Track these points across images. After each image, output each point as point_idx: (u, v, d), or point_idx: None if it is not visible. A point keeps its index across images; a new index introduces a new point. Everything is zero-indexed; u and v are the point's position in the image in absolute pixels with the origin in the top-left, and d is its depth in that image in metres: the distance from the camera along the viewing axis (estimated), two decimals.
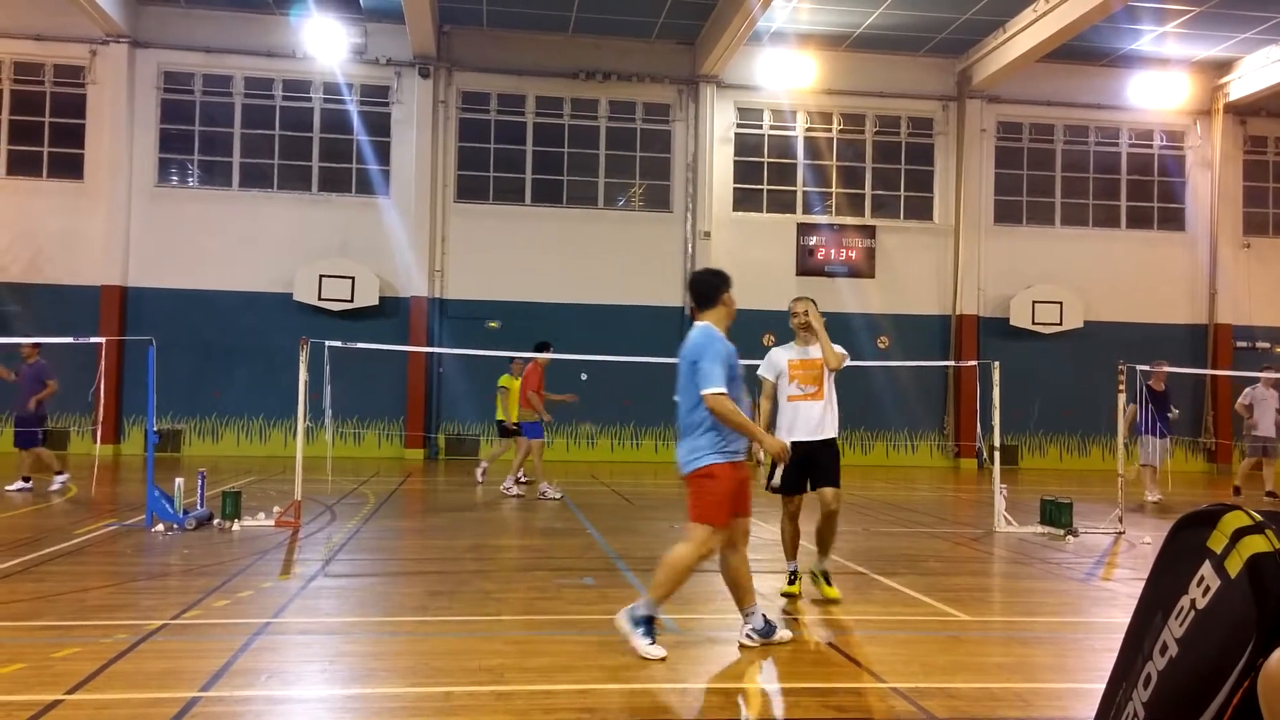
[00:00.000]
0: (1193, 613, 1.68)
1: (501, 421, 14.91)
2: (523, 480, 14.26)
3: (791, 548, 7.05)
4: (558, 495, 13.24)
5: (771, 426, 6.84)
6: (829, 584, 6.95)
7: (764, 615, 5.67)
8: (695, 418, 5.41)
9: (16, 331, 18.67)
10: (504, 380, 14.97)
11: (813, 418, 6.79)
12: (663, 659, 5.21)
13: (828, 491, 6.75)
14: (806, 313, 6.86)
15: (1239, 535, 1.64)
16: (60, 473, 13.10)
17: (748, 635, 5.58)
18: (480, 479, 15.13)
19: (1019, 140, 22.77)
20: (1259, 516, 1.66)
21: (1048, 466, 21.95)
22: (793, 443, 6.44)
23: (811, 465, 6.73)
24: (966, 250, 22.02)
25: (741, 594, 5.64)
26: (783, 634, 5.68)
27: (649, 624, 5.33)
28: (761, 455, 5.95)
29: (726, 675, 5.15)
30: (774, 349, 7.14)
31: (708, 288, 5.66)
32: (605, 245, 21.27)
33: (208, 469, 11.38)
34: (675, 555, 5.38)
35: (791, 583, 7.05)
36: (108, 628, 5.63)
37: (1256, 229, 23.21)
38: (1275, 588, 1.53)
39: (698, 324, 5.63)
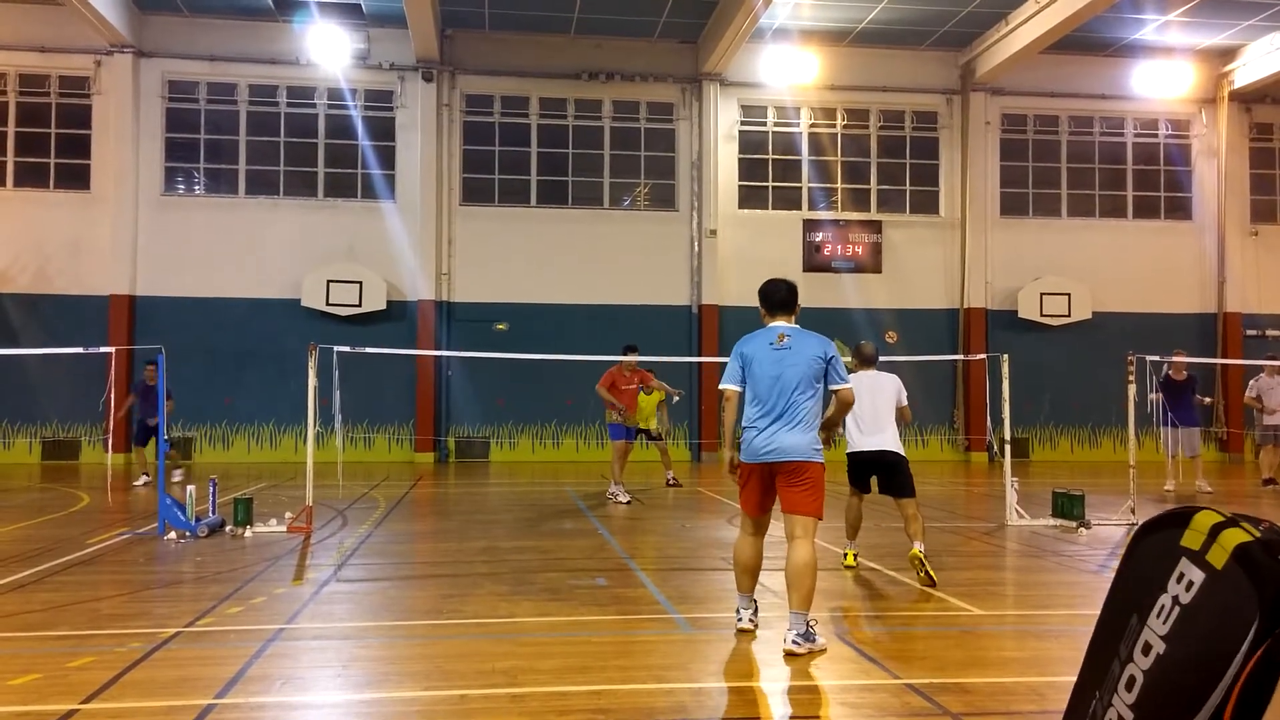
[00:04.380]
0: (1177, 608, 1.72)
1: (645, 430, 14.80)
2: (671, 482, 15.08)
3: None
4: (625, 499, 12.91)
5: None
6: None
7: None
8: (815, 408, 5.77)
9: (26, 343, 18.77)
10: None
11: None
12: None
13: None
14: None
15: (1217, 530, 1.70)
16: (146, 474, 14.66)
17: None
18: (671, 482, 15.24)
19: (1024, 132, 22.71)
20: (1228, 513, 1.74)
21: (1059, 459, 21.89)
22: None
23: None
24: (973, 243, 21.97)
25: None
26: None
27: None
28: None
29: (741, 674, 5.15)
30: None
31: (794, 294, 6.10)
32: (611, 245, 21.27)
33: (219, 476, 11.40)
34: (810, 559, 5.60)
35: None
36: (122, 636, 5.66)
37: (1264, 216, 23.11)
38: (1267, 571, 1.60)
39: (795, 326, 5.93)
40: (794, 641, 5.39)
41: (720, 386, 5.99)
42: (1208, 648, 1.63)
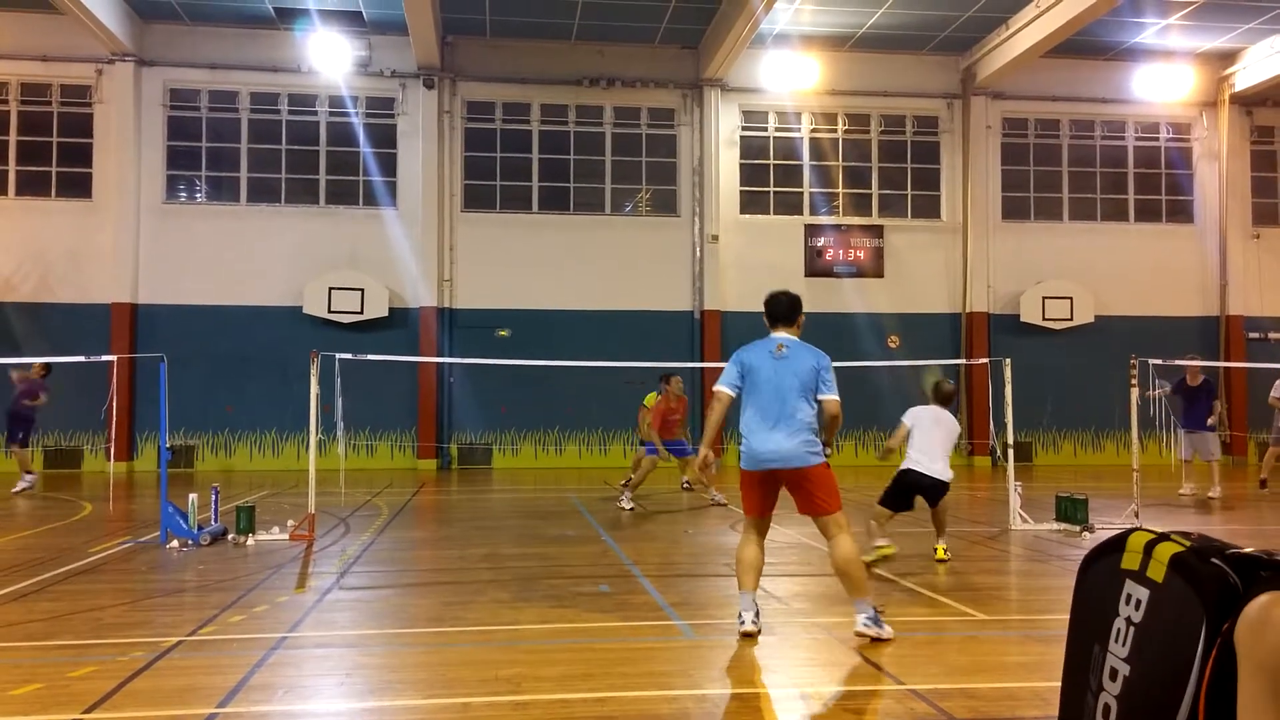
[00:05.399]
0: (1132, 629, 1.80)
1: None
2: (687, 485, 15.23)
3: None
4: (628, 507, 12.90)
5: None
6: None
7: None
8: (811, 415, 5.98)
9: (28, 352, 18.77)
10: (648, 399, 14.93)
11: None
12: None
13: None
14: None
15: (1151, 546, 1.83)
16: (29, 473, 15.08)
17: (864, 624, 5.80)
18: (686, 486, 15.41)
19: (1025, 136, 22.70)
20: (1158, 530, 1.87)
21: (1062, 463, 21.85)
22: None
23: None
24: (975, 247, 21.95)
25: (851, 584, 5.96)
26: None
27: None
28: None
29: (744, 680, 5.13)
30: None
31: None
32: (613, 251, 21.26)
33: (221, 484, 11.40)
34: (851, 549, 5.85)
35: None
36: (124, 646, 5.64)
37: (1265, 219, 23.08)
38: (1203, 574, 1.69)
39: (795, 338, 6.17)
40: (864, 624, 5.71)
41: (715, 387, 6.21)
42: (1168, 658, 1.70)
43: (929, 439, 8.75)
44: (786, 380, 5.92)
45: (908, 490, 8.83)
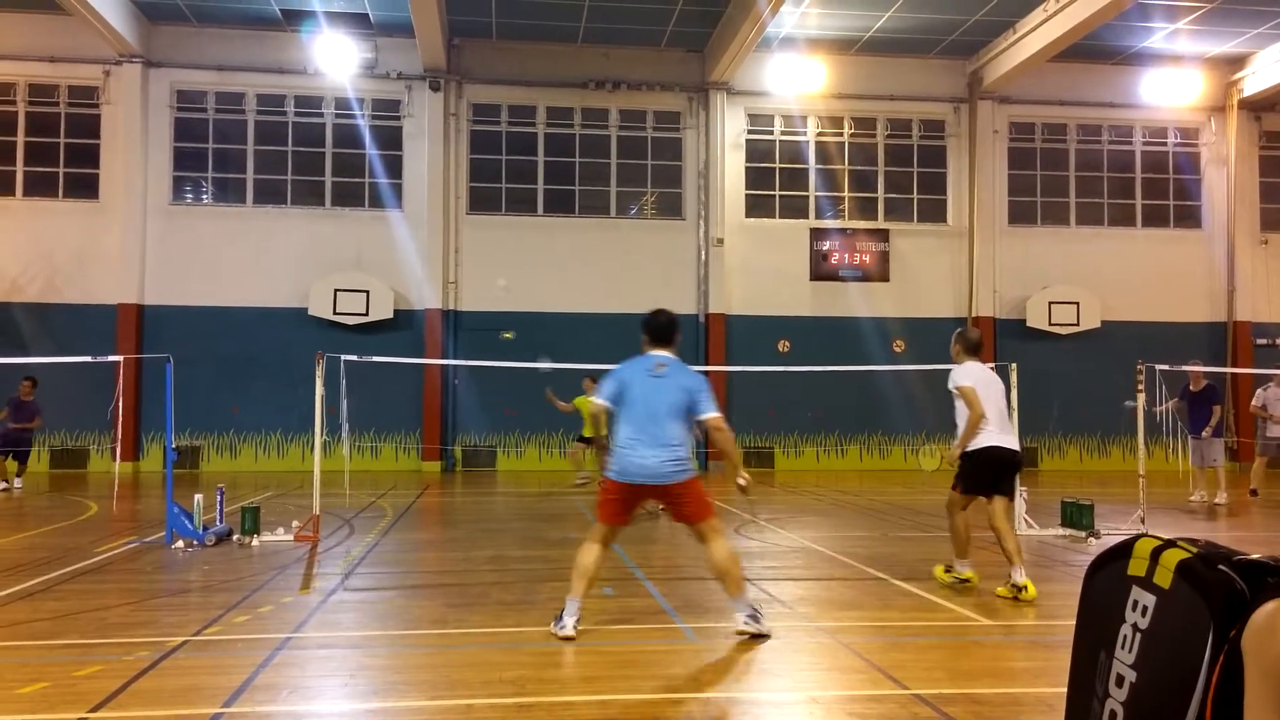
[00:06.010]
0: (1139, 635, 1.81)
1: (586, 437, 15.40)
2: None
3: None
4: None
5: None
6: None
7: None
8: (681, 434, 6.02)
9: (35, 352, 18.83)
10: (578, 401, 15.44)
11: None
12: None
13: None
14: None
15: (1157, 553, 1.83)
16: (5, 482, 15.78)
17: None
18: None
19: (1032, 140, 22.67)
20: (1165, 536, 1.88)
21: (1068, 468, 21.80)
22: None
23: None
24: (981, 252, 21.92)
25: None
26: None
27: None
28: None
29: (749, 684, 5.13)
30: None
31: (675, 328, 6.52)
32: (618, 254, 21.26)
33: (226, 485, 11.41)
34: (727, 551, 5.99)
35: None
36: (129, 645, 5.65)
37: (1273, 225, 23.02)
38: (1210, 580, 1.70)
39: (673, 357, 6.29)
40: (745, 622, 5.85)
41: (593, 399, 6.35)
42: (1175, 664, 1.71)
43: (997, 403, 7.70)
44: (659, 399, 5.99)
45: (992, 471, 7.71)
